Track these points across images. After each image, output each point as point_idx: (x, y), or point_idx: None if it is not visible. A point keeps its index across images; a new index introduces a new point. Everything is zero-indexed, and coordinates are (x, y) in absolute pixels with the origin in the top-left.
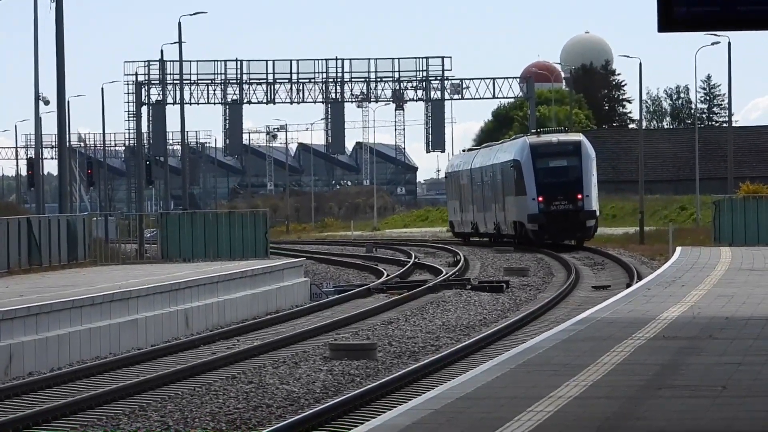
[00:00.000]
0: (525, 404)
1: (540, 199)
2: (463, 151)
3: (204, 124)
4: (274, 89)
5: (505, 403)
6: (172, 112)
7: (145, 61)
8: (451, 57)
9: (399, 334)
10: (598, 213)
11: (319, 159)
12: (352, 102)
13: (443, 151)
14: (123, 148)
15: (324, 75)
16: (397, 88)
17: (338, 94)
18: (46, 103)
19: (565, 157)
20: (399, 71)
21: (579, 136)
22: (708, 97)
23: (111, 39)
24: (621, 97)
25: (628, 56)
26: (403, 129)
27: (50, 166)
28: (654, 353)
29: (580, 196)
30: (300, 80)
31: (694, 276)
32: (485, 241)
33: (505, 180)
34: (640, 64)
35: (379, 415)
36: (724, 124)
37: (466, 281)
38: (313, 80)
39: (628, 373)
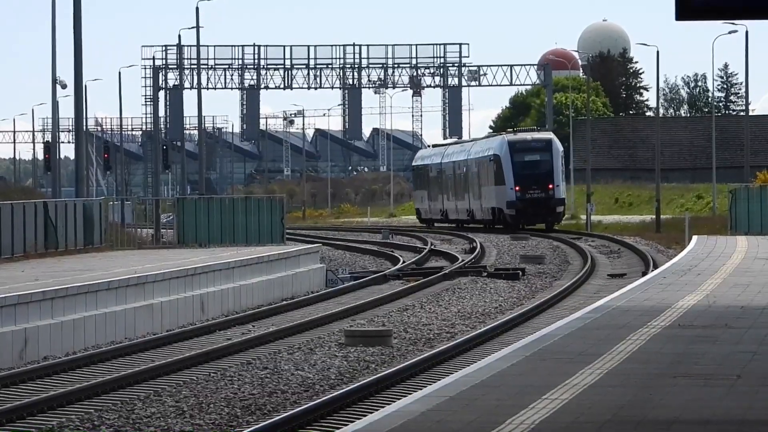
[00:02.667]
0: (540, 392)
1: (517, 188)
2: (430, 147)
3: (221, 109)
4: (291, 75)
5: (520, 390)
6: (189, 97)
7: (162, 46)
8: (468, 44)
9: (414, 321)
10: (566, 200)
11: (336, 145)
12: (369, 88)
13: (460, 137)
14: (140, 132)
15: (341, 61)
16: (415, 74)
17: (355, 80)
18: (64, 87)
19: (538, 152)
20: (416, 57)
21: (550, 134)
22: (725, 86)
23: (128, 23)
24: (638, 85)
25: (645, 44)
26: (421, 115)
27: (67, 150)
28: (669, 342)
29: (551, 186)
30: (317, 66)
31: (710, 265)
32: (477, 227)
33: (485, 172)
34: (658, 52)
35: (394, 401)
36: (741, 113)
37: (482, 268)
38: (330, 66)
39: (643, 361)
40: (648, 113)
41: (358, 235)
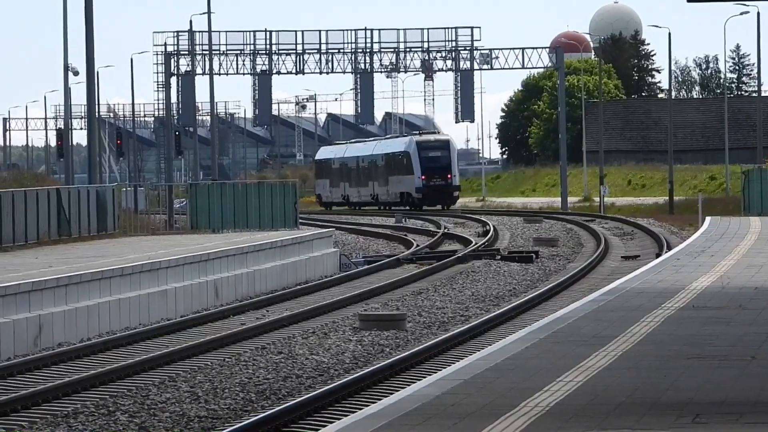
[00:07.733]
0: (554, 375)
1: (423, 177)
2: (330, 145)
3: (233, 94)
4: (303, 60)
5: (535, 373)
6: (201, 83)
7: (174, 32)
8: (480, 27)
9: (428, 305)
10: (460, 187)
11: (348, 129)
12: (381, 72)
13: (472, 121)
14: (152, 118)
15: (353, 45)
16: (426, 58)
17: (367, 65)
18: (76, 73)
19: (439, 150)
20: (428, 41)
21: (448, 136)
22: (737, 67)
23: (140, 9)
24: (650, 67)
25: (657, 26)
26: (433, 99)
27: (79, 137)
28: (683, 323)
29: (449, 176)
30: (329, 51)
31: (723, 246)
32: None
33: (395, 165)
34: (669, 33)
35: (409, 385)
36: (754, 94)
37: (495, 251)
38: (342, 51)
39: (657, 343)
40: (660, 95)
41: (371, 219)
